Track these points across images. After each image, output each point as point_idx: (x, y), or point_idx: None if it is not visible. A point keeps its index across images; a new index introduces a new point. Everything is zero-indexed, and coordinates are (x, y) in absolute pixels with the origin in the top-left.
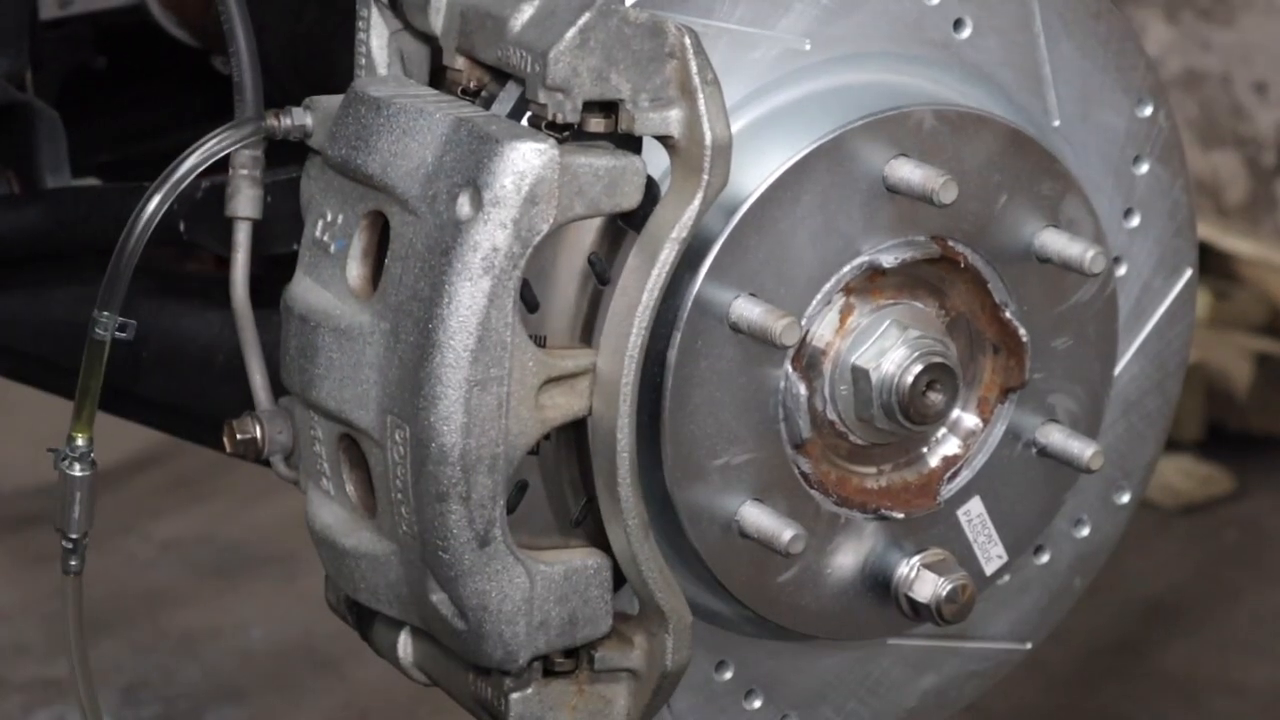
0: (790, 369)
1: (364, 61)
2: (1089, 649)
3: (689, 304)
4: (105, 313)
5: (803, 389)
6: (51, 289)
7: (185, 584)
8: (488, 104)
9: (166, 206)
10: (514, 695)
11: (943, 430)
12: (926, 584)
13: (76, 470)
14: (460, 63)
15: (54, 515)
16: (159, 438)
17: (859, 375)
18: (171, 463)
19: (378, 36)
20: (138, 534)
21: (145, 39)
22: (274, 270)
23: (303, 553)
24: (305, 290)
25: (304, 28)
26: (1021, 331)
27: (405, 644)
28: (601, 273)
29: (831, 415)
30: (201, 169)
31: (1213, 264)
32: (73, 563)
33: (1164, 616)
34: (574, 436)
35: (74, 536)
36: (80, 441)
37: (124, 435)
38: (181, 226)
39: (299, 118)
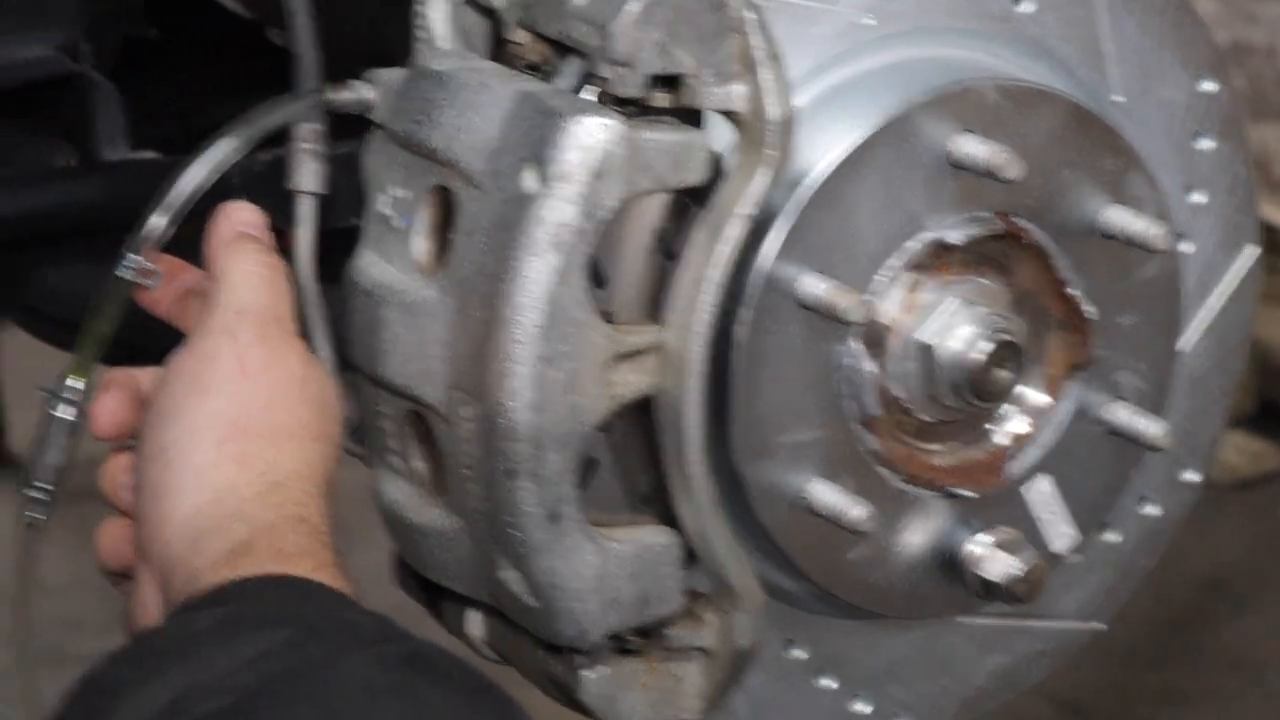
0: (857, 346)
1: (425, 35)
2: (1146, 626)
3: (756, 280)
4: (131, 254)
5: (870, 366)
6: (108, 263)
7: None
8: (550, 78)
9: (223, 170)
10: (585, 673)
11: (1010, 408)
12: (997, 562)
13: (60, 412)
14: (522, 36)
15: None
16: None
17: (926, 352)
18: None
19: (438, 10)
20: None
21: (198, 10)
22: (331, 244)
23: (354, 526)
24: (370, 265)
25: (359, 1)
26: (1087, 308)
27: (476, 621)
28: (668, 249)
29: (899, 392)
30: (260, 139)
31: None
32: (36, 513)
33: (1219, 593)
34: (642, 413)
35: (42, 485)
36: (71, 383)
37: None
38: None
39: (360, 91)
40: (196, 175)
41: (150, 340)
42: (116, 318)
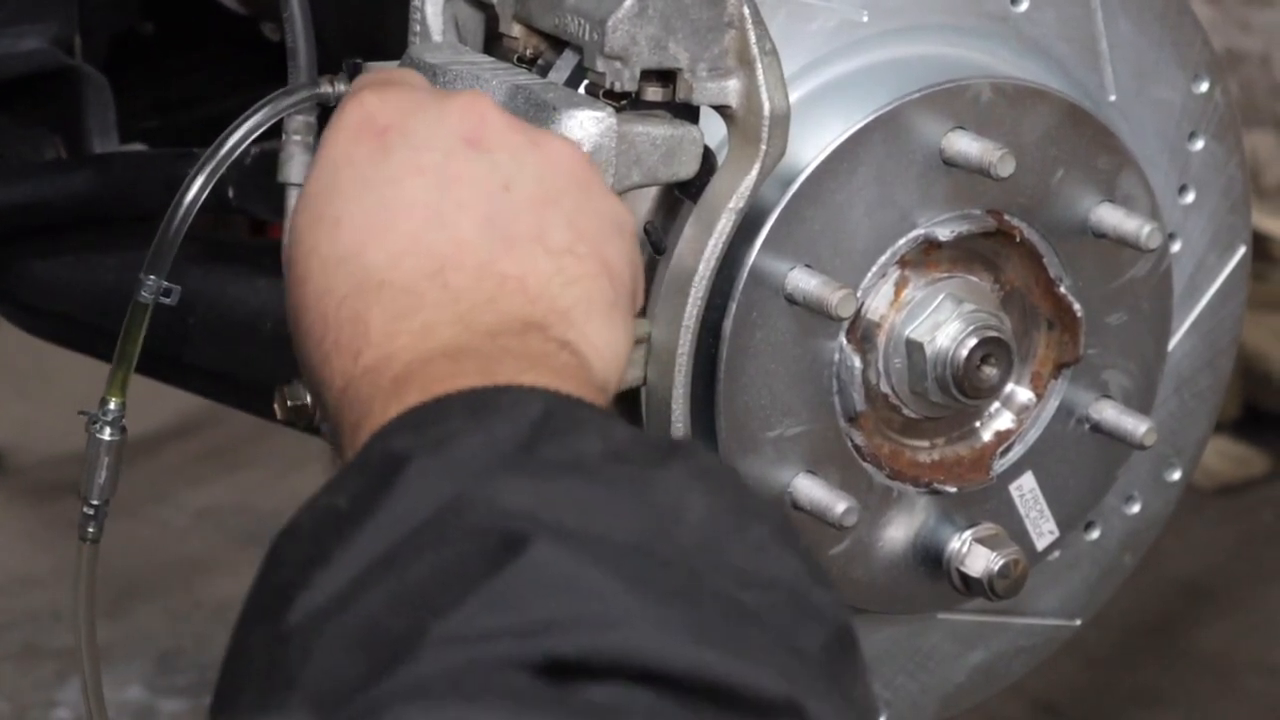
0: (845, 341)
1: (419, 28)
2: (1125, 628)
3: (745, 275)
4: (151, 277)
5: (857, 362)
6: (99, 254)
7: (221, 553)
8: (544, 72)
9: (220, 174)
10: None
11: (996, 405)
12: (978, 558)
13: (106, 434)
14: (516, 30)
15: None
16: (194, 406)
17: (913, 348)
18: (207, 432)
19: (433, 3)
20: (173, 502)
21: (193, 5)
22: None
23: None
24: None
25: None
26: (1076, 307)
27: None
28: (657, 242)
29: (885, 388)
30: (255, 135)
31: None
32: (90, 529)
33: (1200, 597)
34: (627, 407)
35: (95, 502)
36: (113, 405)
37: (159, 404)
38: (230, 193)
39: None
40: (210, 173)
41: (182, 349)
42: (141, 338)
